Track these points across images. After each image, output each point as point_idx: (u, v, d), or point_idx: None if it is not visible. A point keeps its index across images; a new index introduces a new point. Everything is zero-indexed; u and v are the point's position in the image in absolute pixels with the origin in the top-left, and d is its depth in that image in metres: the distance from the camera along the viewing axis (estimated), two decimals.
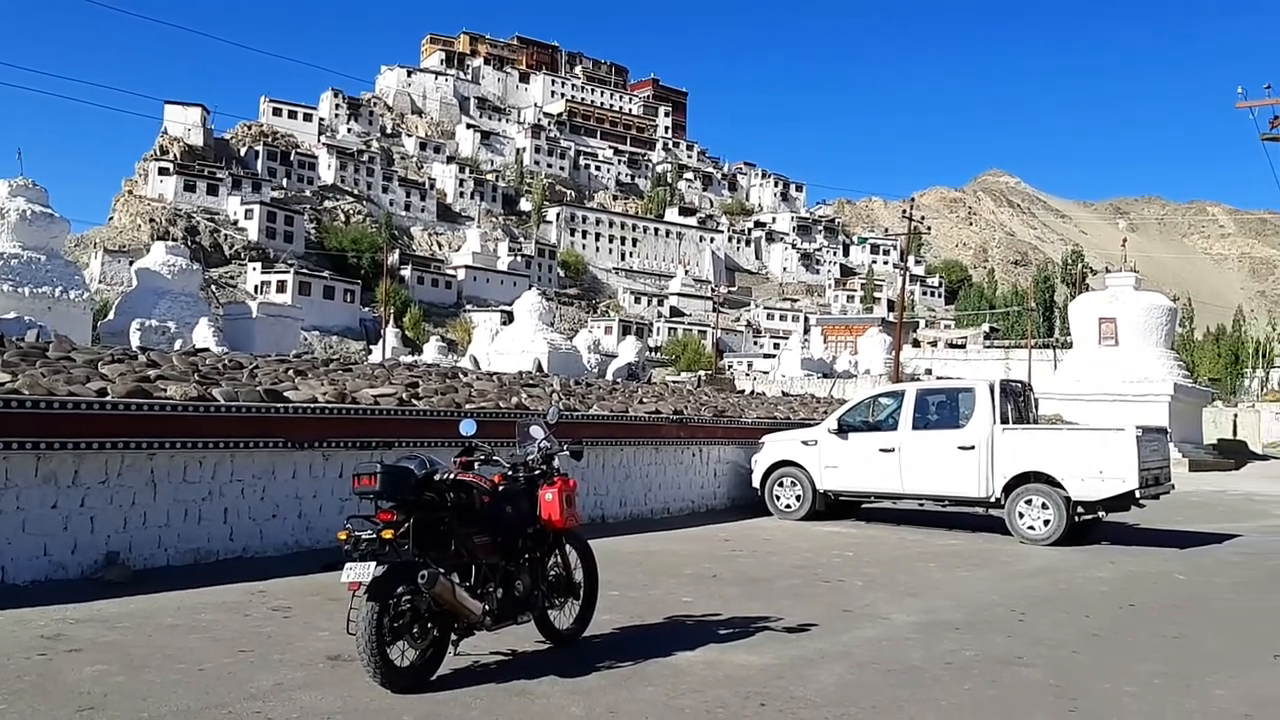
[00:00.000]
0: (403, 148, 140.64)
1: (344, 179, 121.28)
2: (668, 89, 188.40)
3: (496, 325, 60.97)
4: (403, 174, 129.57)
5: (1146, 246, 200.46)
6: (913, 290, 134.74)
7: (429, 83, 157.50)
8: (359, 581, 5.19)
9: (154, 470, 8.82)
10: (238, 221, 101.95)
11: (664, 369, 77.70)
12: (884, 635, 7.32)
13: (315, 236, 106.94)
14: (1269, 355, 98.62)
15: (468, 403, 11.92)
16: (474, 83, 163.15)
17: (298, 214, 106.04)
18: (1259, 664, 6.82)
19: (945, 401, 14.22)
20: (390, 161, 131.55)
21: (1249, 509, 19.59)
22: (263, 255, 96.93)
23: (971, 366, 66.70)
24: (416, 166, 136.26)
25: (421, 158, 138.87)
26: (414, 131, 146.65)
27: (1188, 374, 43.74)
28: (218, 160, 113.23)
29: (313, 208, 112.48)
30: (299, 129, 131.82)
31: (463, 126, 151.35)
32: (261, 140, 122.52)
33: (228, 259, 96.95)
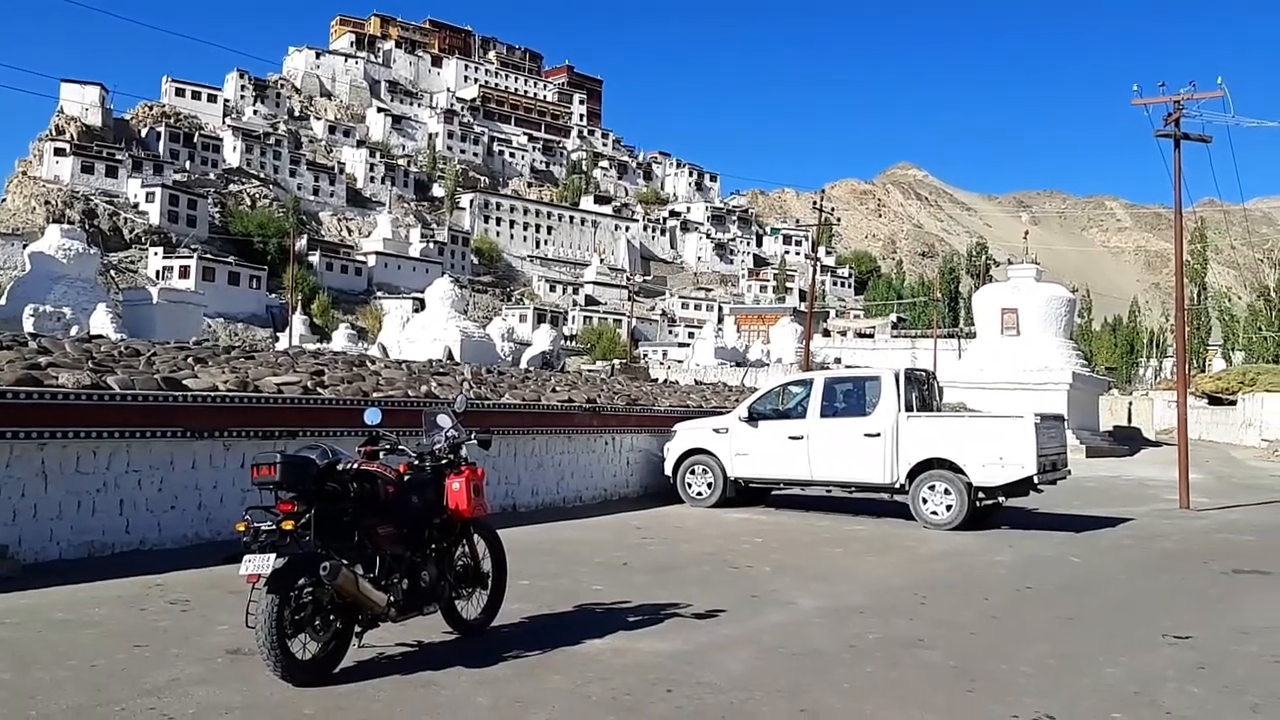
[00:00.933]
0: (311, 131, 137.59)
1: (250, 162, 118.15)
2: (583, 76, 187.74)
3: (408, 313, 60.15)
4: (311, 158, 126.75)
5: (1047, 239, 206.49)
6: (823, 280, 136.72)
7: (339, 65, 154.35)
8: (258, 574, 5.08)
9: (45, 461, 8.51)
10: (138, 205, 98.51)
11: (579, 357, 77.57)
12: (790, 620, 7.42)
13: (220, 221, 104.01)
14: (1162, 345, 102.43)
15: (375, 391, 11.74)
16: (385, 66, 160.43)
17: (201, 197, 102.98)
18: (1148, 643, 7.08)
19: (852, 390, 14.45)
20: (298, 145, 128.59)
21: (1142, 494, 20.33)
22: (165, 240, 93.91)
23: (880, 355, 68.01)
24: (326, 150, 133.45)
25: (331, 141, 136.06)
26: (323, 114, 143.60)
27: (1086, 363, 45.21)
28: (117, 141, 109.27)
29: (217, 191, 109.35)
30: (203, 110, 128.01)
31: (373, 110, 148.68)
32: (164, 121, 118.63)
33: (128, 243, 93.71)
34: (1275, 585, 9.84)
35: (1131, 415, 54.82)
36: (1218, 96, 18.58)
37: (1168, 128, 18.34)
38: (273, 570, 5.09)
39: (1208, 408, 54.48)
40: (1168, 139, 18.43)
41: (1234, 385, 55.79)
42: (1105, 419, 46.34)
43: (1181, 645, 6.99)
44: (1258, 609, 8.57)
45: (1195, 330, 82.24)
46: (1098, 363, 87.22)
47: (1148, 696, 5.70)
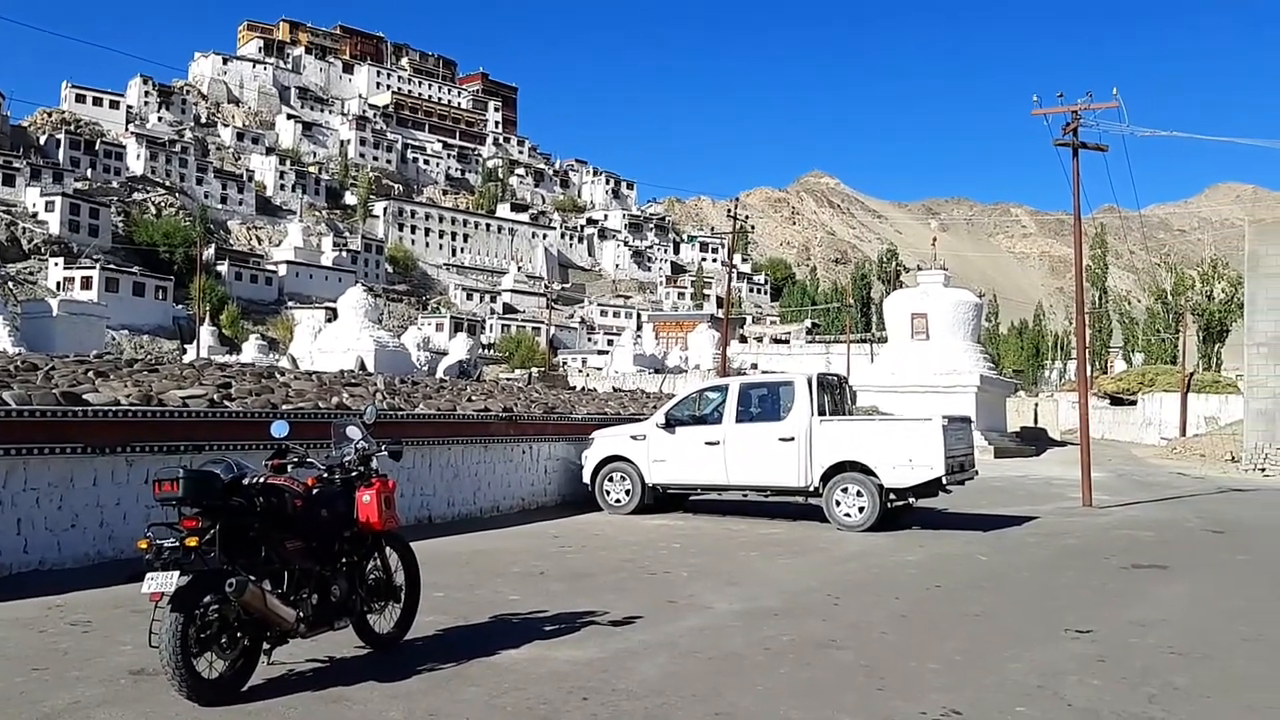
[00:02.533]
0: (219, 138, 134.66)
1: (155, 170, 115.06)
2: (497, 83, 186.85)
3: (320, 323, 59.22)
4: (219, 165, 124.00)
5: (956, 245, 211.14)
6: (740, 287, 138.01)
7: (246, 71, 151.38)
8: (161, 592, 4.96)
9: None
10: (37, 214, 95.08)
11: (497, 366, 77.09)
12: (706, 624, 7.48)
13: (124, 230, 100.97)
14: (1066, 348, 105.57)
15: (284, 403, 11.52)
16: (295, 72, 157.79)
17: (104, 206, 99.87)
18: (1051, 638, 7.29)
19: (767, 395, 14.62)
20: (205, 152, 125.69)
21: (1047, 492, 20.91)
22: (65, 250, 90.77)
23: (795, 361, 68.81)
24: (234, 157, 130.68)
25: (239, 148, 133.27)
26: (231, 121, 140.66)
27: (993, 366, 46.40)
28: (14, 149, 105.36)
29: (121, 200, 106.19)
30: (105, 117, 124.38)
31: (283, 117, 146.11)
32: (64, 128, 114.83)
33: (26, 254, 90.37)
34: (1172, 579, 10.20)
35: (1037, 416, 56.38)
36: (1113, 107, 19.25)
37: (1066, 137, 18.94)
38: (176, 588, 4.98)
39: (1110, 408, 56.34)
40: (1066, 148, 19.03)
41: (1134, 386, 57.78)
42: (1013, 420, 47.57)
43: (1083, 639, 7.21)
44: (1155, 602, 8.88)
45: (1097, 333, 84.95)
46: (1005, 365, 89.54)
47: (1050, 690, 5.87)
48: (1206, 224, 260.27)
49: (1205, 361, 69.18)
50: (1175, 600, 9.07)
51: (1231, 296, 65.88)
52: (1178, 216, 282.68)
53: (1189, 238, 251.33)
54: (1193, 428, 47.53)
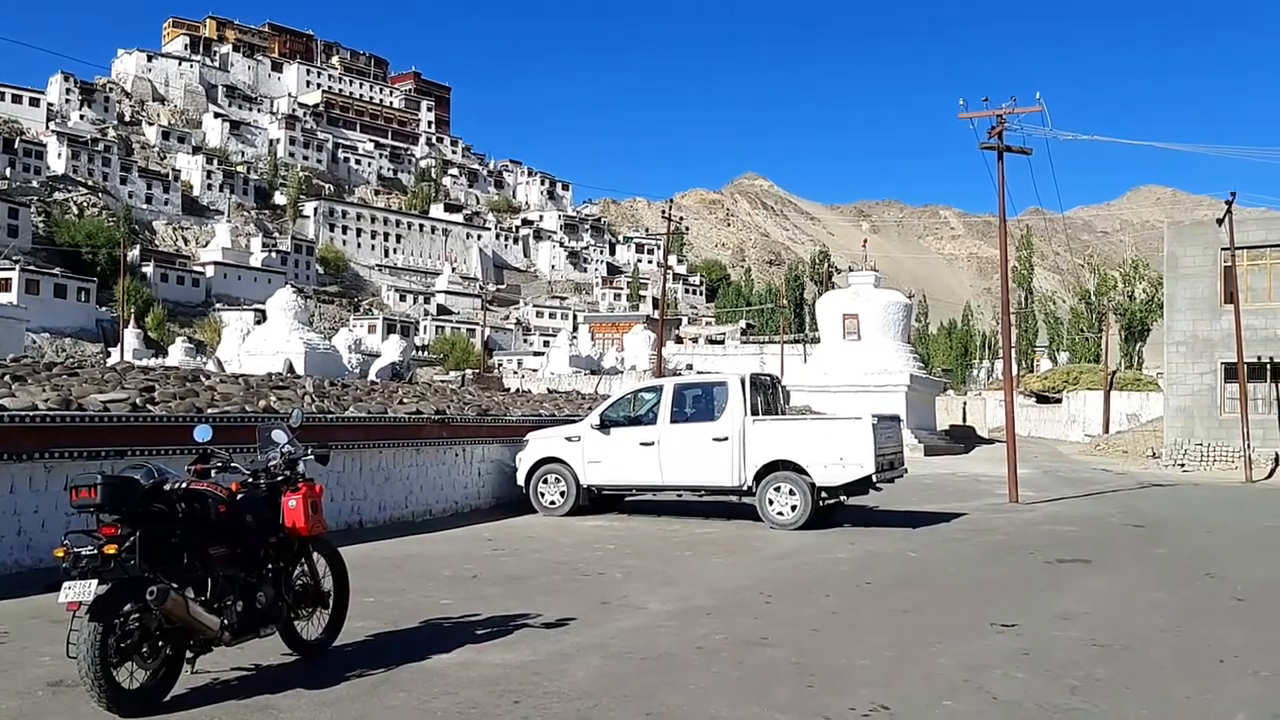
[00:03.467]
0: (143, 136, 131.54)
1: (77, 169, 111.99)
2: (430, 83, 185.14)
3: (249, 325, 58.15)
4: (144, 164, 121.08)
5: (886, 247, 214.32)
6: (675, 288, 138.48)
7: (172, 68, 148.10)
8: (79, 601, 4.84)
9: None
10: None
11: (431, 368, 76.38)
12: (640, 625, 7.49)
13: (44, 231, 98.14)
14: (994, 347, 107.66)
15: (210, 407, 11.30)
16: (222, 70, 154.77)
17: (23, 206, 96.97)
18: (978, 632, 7.43)
19: (701, 395, 14.70)
20: (129, 151, 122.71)
21: (976, 489, 21.31)
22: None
23: (730, 361, 69.27)
24: (159, 157, 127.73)
25: (165, 147, 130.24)
26: (156, 120, 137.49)
27: (923, 365, 47.15)
28: None
29: (41, 200, 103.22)
30: (24, 114, 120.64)
31: (210, 116, 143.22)
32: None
33: None
34: (1095, 573, 10.46)
35: (966, 414, 57.45)
36: (1036, 111, 19.74)
37: (991, 140, 19.33)
38: (95, 597, 4.86)
39: (1036, 406, 57.57)
40: (992, 151, 19.42)
41: (1059, 384, 59.13)
42: (942, 418, 48.41)
43: (1008, 633, 7.36)
44: (1079, 596, 9.08)
45: (1023, 333, 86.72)
46: (934, 365, 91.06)
47: (976, 683, 5.97)
48: (1128, 226, 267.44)
49: (1127, 360, 70.99)
50: (1098, 594, 9.29)
51: (1152, 297, 67.63)
52: (1101, 219, 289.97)
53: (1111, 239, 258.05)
54: (1115, 425, 48.78)
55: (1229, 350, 28.63)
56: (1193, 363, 31.11)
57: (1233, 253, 27.95)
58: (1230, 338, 28.18)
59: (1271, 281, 30.48)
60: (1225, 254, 28.99)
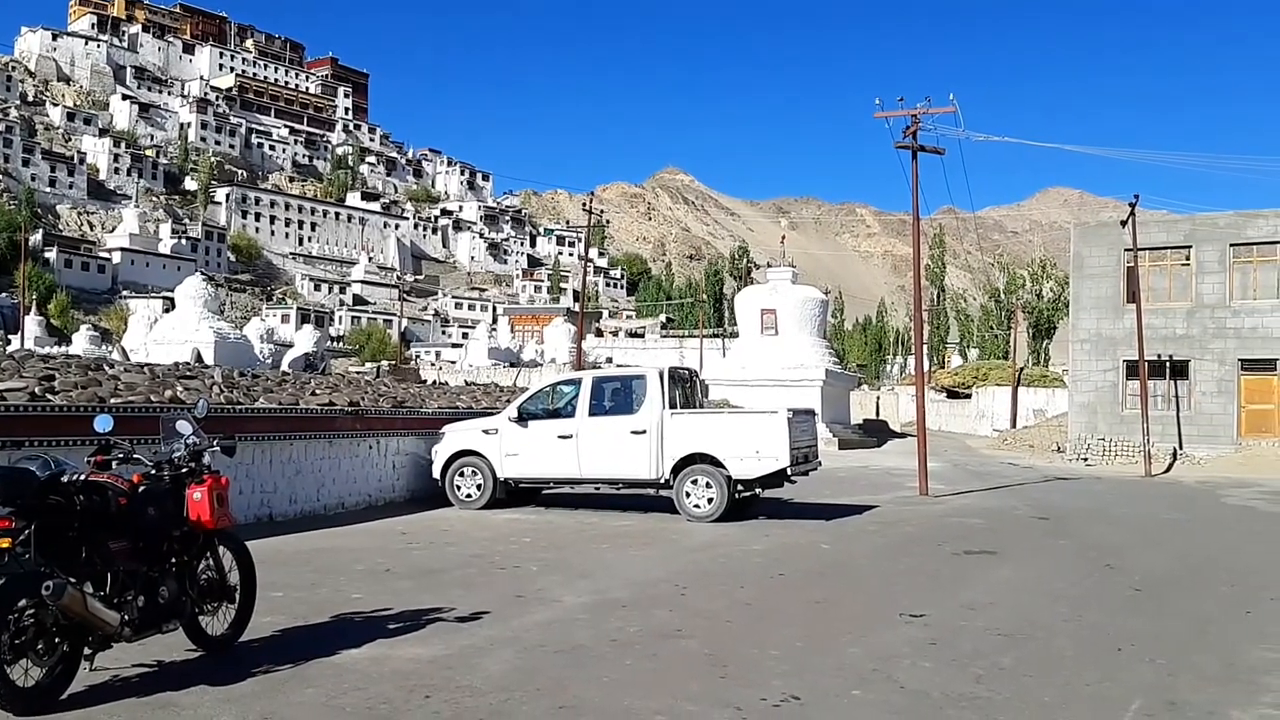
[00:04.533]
0: (47, 117, 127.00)
1: None
2: (347, 69, 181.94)
3: (157, 313, 56.55)
4: (47, 146, 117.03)
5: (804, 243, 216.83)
6: (596, 281, 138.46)
7: (78, 48, 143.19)
8: None
9: None
10: None
11: (347, 359, 75.23)
12: (554, 618, 7.47)
13: None
14: (907, 343, 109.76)
15: (113, 397, 10.95)
16: (131, 51, 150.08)
17: None
18: (887, 622, 7.56)
19: (620, 389, 14.71)
20: (32, 132, 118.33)
21: (888, 482, 21.69)
22: None
23: (650, 355, 69.50)
24: (64, 138, 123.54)
25: (70, 129, 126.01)
26: (60, 100, 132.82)
27: (838, 361, 47.87)
28: None
29: None
30: None
31: (118, 97, 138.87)
32: None
33: None
34: (1000, 564, 10.72)
35: (879, 409, 58.49)
36: (950, 111, 20.12)
37: (906, 140, 19.67)
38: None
39: (946, 401, 58.87)
40: (906, 150, 19.76)
41: (969, 380, 60.52)
42: (856, 413, 49.22)
43: (916, 623, 7.50)
44: (985, 587, 9.30)
45: (935, 329, 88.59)
46: (849, 360, 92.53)
47: (884, 673, 6.07)
48: (1037, 226, 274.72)
49: (1035, 357, 72.93)
50: (1003, 584, 9.52)
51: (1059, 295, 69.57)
52: (1011, 219, 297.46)
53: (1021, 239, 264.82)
54: (1023, 420, 50.12)
55: (1131, 348, 29.60)
56: (1096, 360, 32.10)
57: (1135, 254, 28.89)
58: (1132, 336, 29.13)
59: (1171, 282, 31.62)
60: (1128, 255, 29.94)
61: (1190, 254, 31.28)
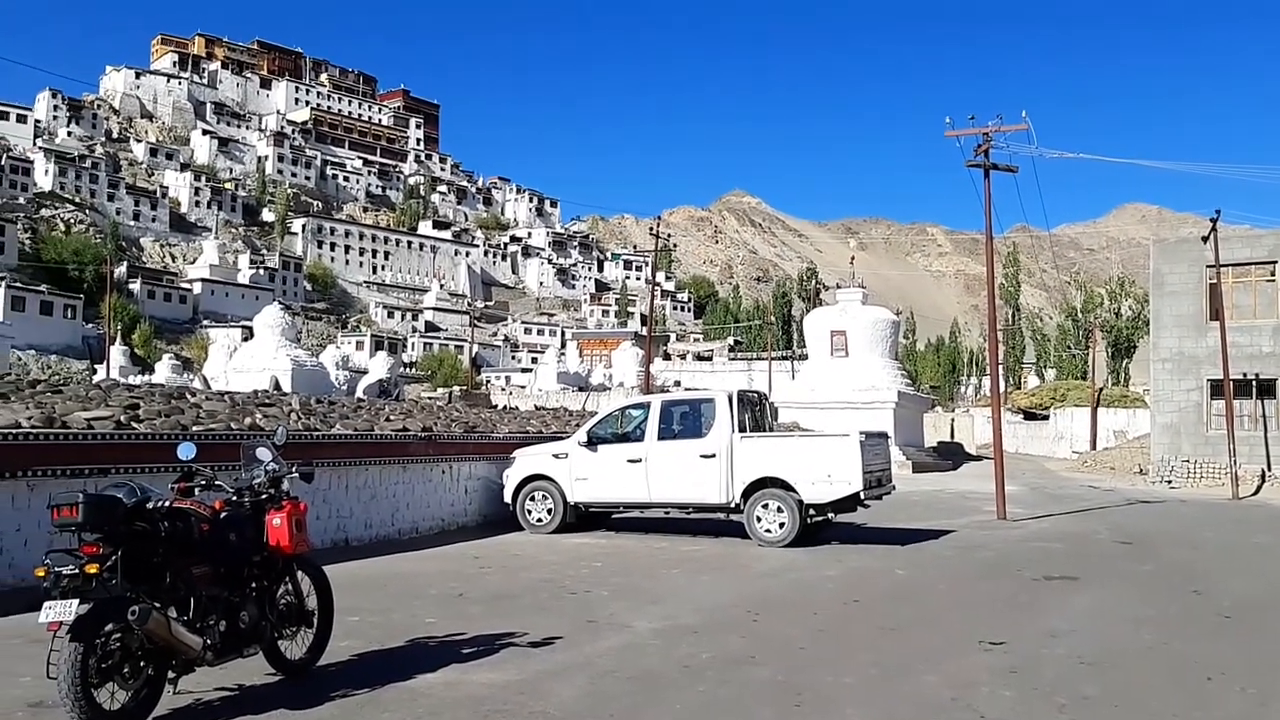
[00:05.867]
0: (131, 153, 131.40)
1: (64, 185, 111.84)
2: (419, 100, 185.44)
3: (236, 342, 57.96)
4: (131, 181, 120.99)
5: (874, 264, 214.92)
6: (663, 305, 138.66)
7: (160, 85, 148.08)
8: (59, 621, 4.78)
9: None
10: None
11: (419, 385, 76.23)
12: (626, 643, 7.45)
13: (31, 248, 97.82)
14: (981, 364, 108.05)
15: (195, 425, 11.24)
16: (210, 87, 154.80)
17: (9, 223, 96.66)
18: (966, 650, 7.41)
19: (688, 412, 14.66)
20: (117, 168, 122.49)
21: (964, 506, 21.30)
22: None
23: (718, 378, 69.25)
24: (147, 173, 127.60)
25: (153, 164, 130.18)
26: (144, 136, 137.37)
27: (910, 382, 47.25)
28: None
29: (28, 216, 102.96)
30: (11, 131, 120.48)
31: (198, 132, 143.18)
32: None
33: None
34: (1082, 590, 10.45)
35: (954, 431, 57.51)
36: (1022, 129, 19.85)
37: (977, 158, 19.44)
38: (76, 617, 4.80)
39: (1024, 422, 57.75)
40: (978, 169, 19.52)
41: (1046, 401, 59.36)
42: (930, 435, 48.46)
43: (995, 651, 7.34)
44: (1066, 613, 9.07)
45: (1010, 349, 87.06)
46: (922, 381, 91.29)
47: (964, 701, 5.95)
48: (1114, 243, 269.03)
49: (1114, 377, 71.30)
50: (1085, 611, 9.28)
51: (1138, 314, 68.07)
52: (1087, 236, 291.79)
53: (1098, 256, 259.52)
54: (1103, 441, 48.94)
55: (1215, 367, 28.77)
56: (1179, 379, 31.24)
57: (1218, 270, 28.12)
58: (1216, 354, 28.31)
59: (1256, 298, 30.68)
60: (1210, 271, 29.15)
61: (1276, 269, 30.34)
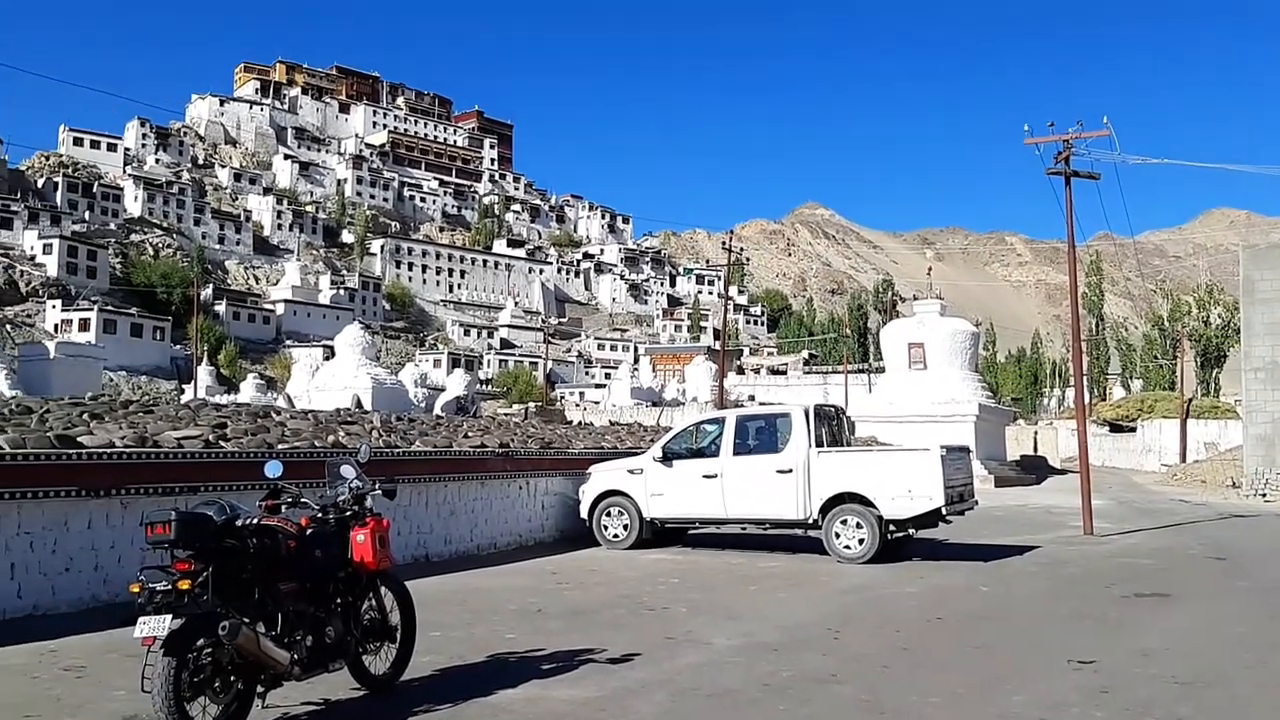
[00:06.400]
0: (216, 179, 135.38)
1: (152, 211, 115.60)
2: (493, 121, 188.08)
3: (318, 361, 59.16)
4: (216, 206, 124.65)
5: (951, 275, 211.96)
6: (736, 319, 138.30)
7: (243, 112, 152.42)
8: (154, 636, 4.90)
9: None
10: (35, 257, 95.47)
11: (495, 401, 76.96)
12: (705, 660, 7.41)
13: (121, 272, 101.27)
14: (1064, 375, 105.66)
15: (280, 443, 11.49)
16: (291, 112, 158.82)
17: (101, 248, 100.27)
18: (1054, 669, 7.23)
19: (764, 427, 14.58)
20: (202, 193, 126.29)
21: (1048, 521, 20.82)
22: (63, 292, 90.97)
23: (793, 392, 68.81)
24: (231, 198, 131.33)
25: (236, 189, 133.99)
26: (228, 162, 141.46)
27: (991, 394, 46.40)
28: (12, 193, 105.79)
29: (118, 242, 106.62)
30: (103, 159, 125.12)
31: (280, 157, 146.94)
32: (61, 171, 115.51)
33: (24, 297, 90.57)
34: (1174, 607, 10.14)
35: (1037, 444, 56.31)
36: (1104, 135, 19.37)
37: (1058, 166, 19.05)
38: (169, 632, 4.92)
39: (1109, 435, 56.31)
40: (1059, 176, 19.13)
41: (1133, 412, 57.82)
42: (1012, 448, 47.50)
43: (1085, 670, 7.15)
44: (1158, 631, 8.81)
45: (1094, 360, 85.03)
46: (1003, 394, 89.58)
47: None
48: (1201, 250, 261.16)
49: (1204, 387, 69.24)
50: (1178, 628, 9.00)
51: (1228, 322, 66.04)
52: (1172, 243, 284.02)
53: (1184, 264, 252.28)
54: (1193, 454, 47.47)
55: None
56: (1273, 389, 30.20)
57: None
58: None
59: None
60: None
61: None
